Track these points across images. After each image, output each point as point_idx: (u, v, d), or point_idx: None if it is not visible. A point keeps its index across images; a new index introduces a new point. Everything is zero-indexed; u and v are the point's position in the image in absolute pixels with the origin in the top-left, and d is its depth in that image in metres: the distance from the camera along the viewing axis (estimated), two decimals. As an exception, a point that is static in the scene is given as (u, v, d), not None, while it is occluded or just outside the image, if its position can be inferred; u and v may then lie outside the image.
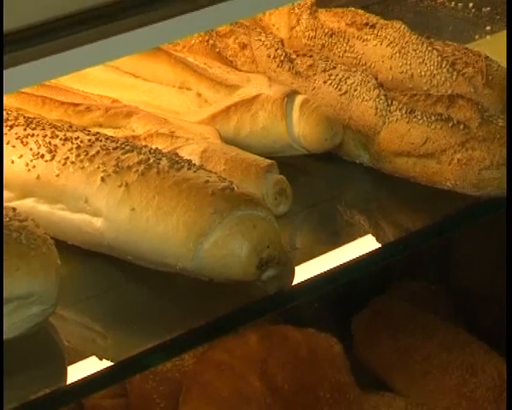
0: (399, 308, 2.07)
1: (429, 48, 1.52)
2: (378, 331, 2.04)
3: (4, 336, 1.16)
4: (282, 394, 1.81)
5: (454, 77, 1.49)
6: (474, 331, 2.04)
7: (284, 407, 1.81)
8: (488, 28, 1.75)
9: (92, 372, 1.19)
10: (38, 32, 1.00)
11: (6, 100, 1.37)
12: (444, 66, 1.50)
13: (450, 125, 1.39)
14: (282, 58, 1.49)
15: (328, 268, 1.32)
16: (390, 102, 1.43)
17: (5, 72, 0.97)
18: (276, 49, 1.50)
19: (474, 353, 2.02)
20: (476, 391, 1.96)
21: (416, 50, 1.52)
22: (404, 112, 1.42)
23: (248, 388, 1.80)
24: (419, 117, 1.41)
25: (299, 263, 1.32)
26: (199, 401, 1.79)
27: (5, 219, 1.18)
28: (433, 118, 1.40)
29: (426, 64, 1.50)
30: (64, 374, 1.21)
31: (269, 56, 1.49)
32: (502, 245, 1.85)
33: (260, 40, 1.51)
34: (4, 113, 1.37)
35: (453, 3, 1.79)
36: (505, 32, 1.68)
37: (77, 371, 1.20)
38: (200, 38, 1.51)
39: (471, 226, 1.49)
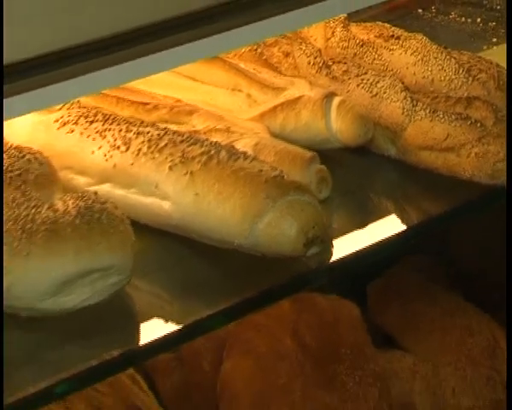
0: (408, 278, 2.02)
1: (447, 56, 1.46)
2: (390, 298, 1.99)
3: (88, 303, 1.12)
4: (310, 351, 1.76)
5: (470, 81, 1.43)
6: (469, 299, 1.99)
7: (312, 362, 1.76)
8: (494, 40, 1.71)
9: (161, 335, 1.13)
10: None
11: (85, 100, 1.34)
12: (461, 72, 1.44)
13: (468, 123, 1.34)
14: (320, 65, 1.44)
15: (360, 247, 1.27)
16: (415, 103, 1.38)
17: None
18: (315, 57, 1.45)
19: (470, 317, 1.96)
20: (473, 350, 1.89)
21: (436, 58, 1.46)
22: (427, 111, 1.36)
23: (282, 345, 1.76)
24: (441, 116, 1.35)
25: (335, 241, 1.27)
26: (240, 356, 1.76)
27: (88, 202, 1.13)
28: (453, 117, 1.35)
29: (445, 70, 1.45)
30: (136, 336, 1.15)
31: (309, 63, 1.44)
32: (493, 226, 1.82)
33: (301, 49, 1.46)
34: (85, 110, 1.32)
35: (463, 19, 1.76)
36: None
37: (147, 334, 1.14)
38: (250, 48, 1.47)
39: (481, 209, 1.43)
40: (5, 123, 1.21)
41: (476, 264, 2.04)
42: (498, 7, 1.79)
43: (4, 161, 1.15)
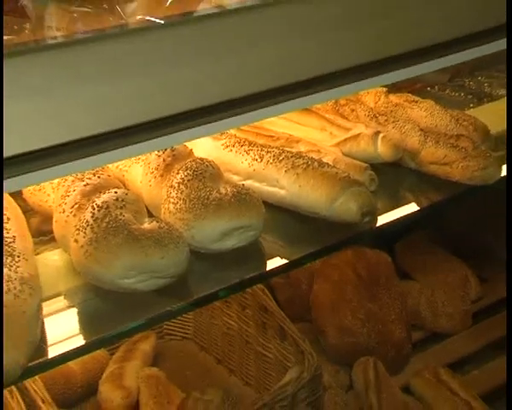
0: (420, 242, 1.95)
1: (445, 112, 1.43)
2: (408, 252, 1.93)
3: (237, 246, 1.09)
4: (363, 279, 1.72)
5: (458, 126, 1.39)
6: (454, 254, 1.94)
7: (363, 285, 1.71)
8: (471, 105, 1.66)
9: (278, 264, 1.12)
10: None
11: (238, 132, 1.32)
12: (452, 121, 1.40)
13: (457, 149, 1.30)
14: (371, 116, 1.40)
15: (392, 219, 1.24)
16: (426, 138, 1.34)
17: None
18: (369, 112, 1.42)
19: (454, 264, 1.90)
20: (454, 281, 1.85)
21: (438, 113, 1.42)
22: (433, 142, 1.32)
23: (346, 276, 1.72)
24: (441, 145, 1.32)
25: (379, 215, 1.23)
26: (322, 281, 1.73)
27: (238, 189, 1.11)
28: (448, 145, 1.31)
29: (443, 120, 1.41)
30: (264, 265, 1.13)
31: (365, 115, 1.41)
32: (470, 210, 1.77)
33: (361, 107, 1.43)
34: (238, 139, 1.30)
35: (453, 93, 1.71)
36: (481, 107, 1.61)
37: (271, 264, 1.12)
38: (331, 105, 1.44)
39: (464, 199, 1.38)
40: (193, 145, 1.22)
41: (460, 234, 1.96)
42: (473, 87, 1.74)
43: (193, 165, 1.14)
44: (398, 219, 1.23)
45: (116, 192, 1.07)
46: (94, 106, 0.74)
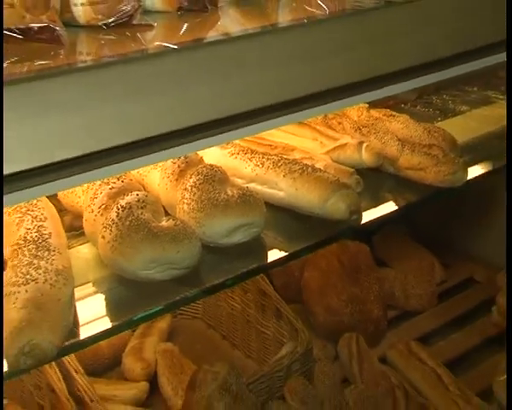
0: (394, 234, 1.93)
1: (418, 125, 1.39)
2: (384, 243, 1.91)
3: (242, 241, 1.05)
4: (346, 268, 1.68)
5: (430, 137, 1.35)
6: (423, 244, 1.92)
7: (346, 272, 1.68)
8: (439, 119, 1.61)
9: (276, 258, 1.08)
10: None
11: (242, 142, 1.27)
12: (425, 132, 1.36)
13: (430, 156, 1.26)
14: (356, 128, 1.36)
15: (373, 217, 1.19)
16: (403, 147, 1.30)
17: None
18: (353, 125, 1.38)
19: (422, 253, 1.89)
20: (423, 268, 1.83)
21: (413, 126, 1.38)
22: (409, 151, 1.28)
23: (332, 264, 1.68)
24: (416, 152, 1.27)
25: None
26: (312, 269, 1.69)
27: (243, 191, 1.07)
28: (422, 153, 1.27)
29: (417, 131, 1.36)
30: (265, 258, 1.09)
31: (350, 127, 1.37)
32: (439, 209, 1.74)
33: (346, 120, 1.39)
34: (242, 147, 1.25)
35: (424, 109, 1.68)
36: (447, 121, 1.59)
37: (270, 256, 1.08)
38: (321, 118, 1.39)
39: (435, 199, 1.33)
40: (204, 153, 1.18)
41: (428, 228, 1.94)
42: (439, 104, 1.71)
43: (204, 171, 1.11)
44: (379, 216, 1.19)
45: (137, 194, 1.04)
46: (118, 120, 0.73)
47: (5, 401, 1.34)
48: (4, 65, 0.68)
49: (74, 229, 1.13)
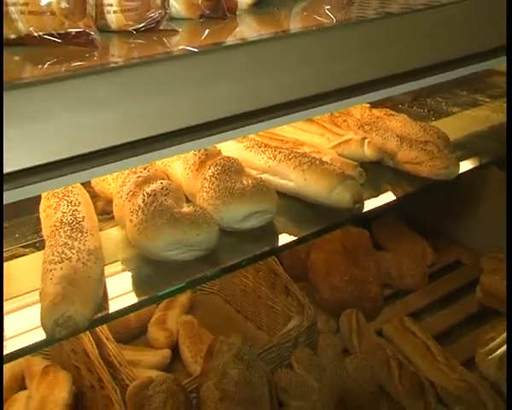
0: (391, 221, 1.90)
1: (415, 123, 1.34)
2: (382, 228, 1.88)
3: (255, 226, 1.02)
4: (348, 250, 1.65)
5: (425, 134, 1.30)
6: (416, 230, 1.89)
7: (348, 254, 1.65)
8: (433, 119, 1.56)
9: (287, 241, 1.04)
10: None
11: (257, 137, 1.24)
12: (421, 130, 1.31)
13: (425, 151, 1.22)
14: (359, 125, 1.32)
15: (374, 206, 1.15)
16: (401, 143, 1.26)
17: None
18: (357, 122, 1.34)
19: (415, 238, 1.86)
20: (415, 252, 1.81)
21: (410, 124, 1.33)
22: (407, 146, 1.24)
23: (336, 247, 1.65)
24: (413, 148, 1.23)
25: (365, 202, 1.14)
26: (318, 251, 1.67)
27: (257, 181, 1.04)
28: (419, 148, 1.23)
29: (414, 129, 1.32)
30: (276, 242, 1.05)
31: (354, 125, 1.33)
32: (432, 200, 1.70)
33: (350, 118, 1.35)
34: (256, 142, 1.21)
35: (419, 109, 1.62)
36: (440, 121, 1.55)
37: (281, 240, 1.05)
38: (328, 116, 1.36)
39: (430, 190, 1.27)
40: (222, 146, 1.15)
41: (420, 215, 1.90)
42: (433, 106, 1.66)
43: (221, 162, 1.08)
44: (380, 205, 1.16)
45: (162, 183, 1.02)
46: (146, 115, 0.71)
47: (49, 363, 1.35)
48: (45, 66, 0.67)
49: (105, 213, 1.11)
